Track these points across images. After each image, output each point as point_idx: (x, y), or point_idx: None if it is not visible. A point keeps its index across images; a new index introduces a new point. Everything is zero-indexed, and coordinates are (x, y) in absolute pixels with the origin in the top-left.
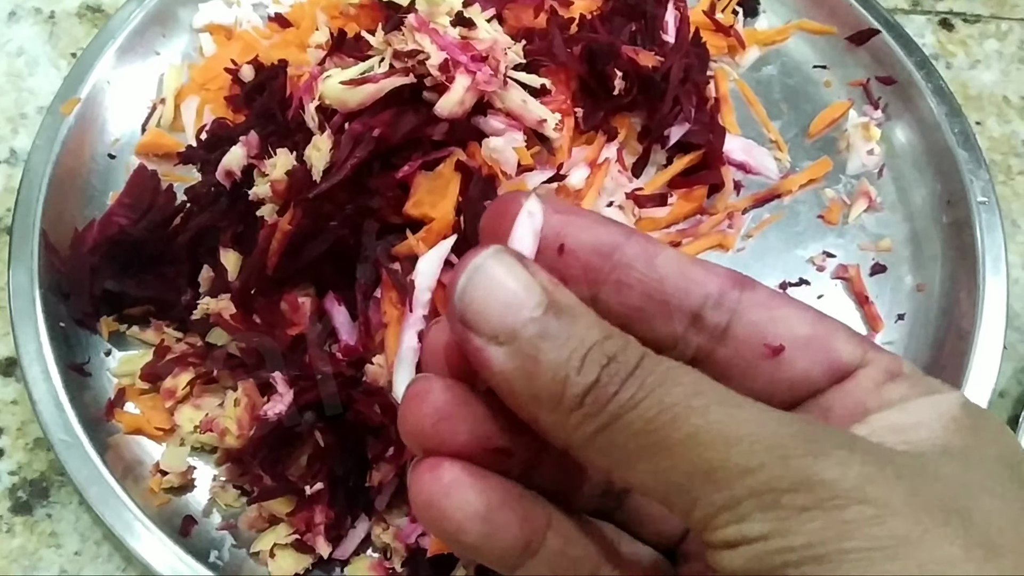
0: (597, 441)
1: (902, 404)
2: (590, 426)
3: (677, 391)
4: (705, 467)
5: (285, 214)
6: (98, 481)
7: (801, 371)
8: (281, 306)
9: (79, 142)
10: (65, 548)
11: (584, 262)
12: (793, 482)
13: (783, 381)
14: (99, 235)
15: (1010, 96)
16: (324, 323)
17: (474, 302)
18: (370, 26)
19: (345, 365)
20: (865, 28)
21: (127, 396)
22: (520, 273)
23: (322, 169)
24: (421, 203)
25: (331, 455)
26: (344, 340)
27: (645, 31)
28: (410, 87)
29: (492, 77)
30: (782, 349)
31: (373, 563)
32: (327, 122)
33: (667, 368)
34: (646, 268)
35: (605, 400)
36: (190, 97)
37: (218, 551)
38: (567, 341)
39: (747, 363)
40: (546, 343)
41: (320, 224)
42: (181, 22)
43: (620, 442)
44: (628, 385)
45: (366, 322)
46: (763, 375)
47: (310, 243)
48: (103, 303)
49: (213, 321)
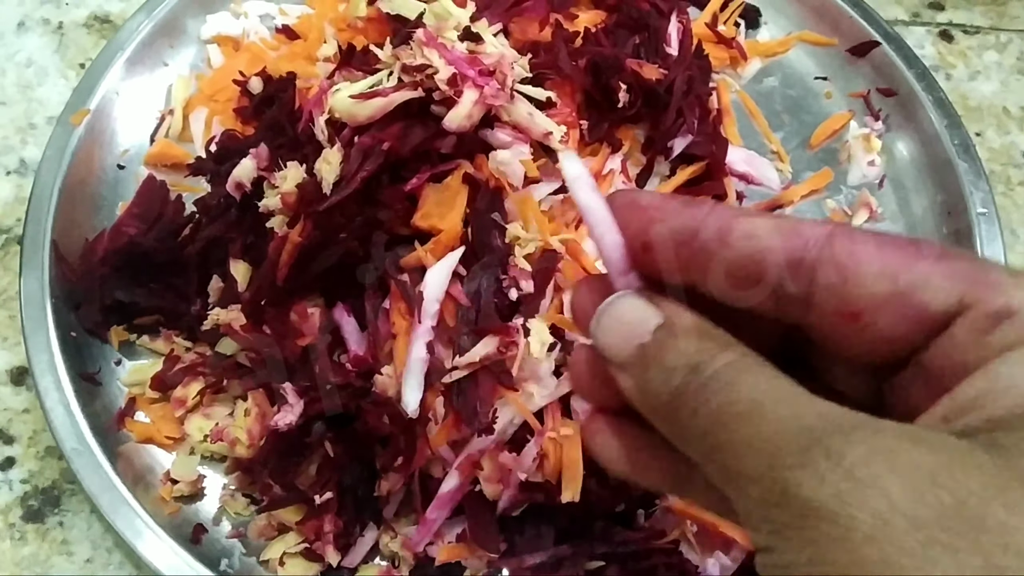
0: (682, 446)
1: (1004, 357)
2: (678, 431)
3: (732, 396)
4: (731, 474)
5: (295, 226)
6: (109, 489)
7: (886, 330)
8: (291, 316)
9: (88, 153)
10: (76, 556)
11: (671, 253)
12: (777, 496)
13: (872, 343)
14: (109, 245)
15: (1010, 107)
16: (333, 333)
17: (603, 335)
18: (378, 39)
19: (354, 375)
20: (866, 40)
21: (137, 405)
22: (634, 309)
23: (332, 182)
24: (429, 215)
25: (340, 465)
26: (353, 350)
27: (649, 44)
28: (418, 101)
29: (499, 91)
30: (860, 314)
31: (381, 571)
32: (337, 135)
33: (731, 376)
34: (722, 248)
35: (685, 407)
36: (198, 108)
37: (228, 559)
38: (665, 362)
39: (835, 327)
40: (650, 370)
41: (330, 237)
42: (189, 33)
43: (694, 446)
44: (698, 395)
45: (375, 333)
46: (852, 337)
47: (320, 255)
48: (113, 313)
49: (223, 331)
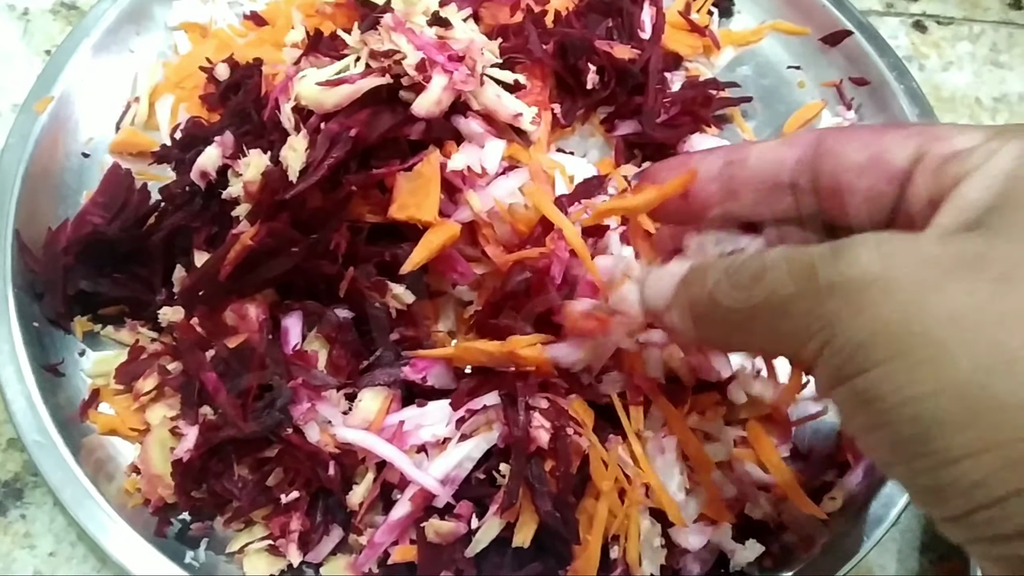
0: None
1: (958, 188)
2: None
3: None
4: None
5: (258, 216)
6: (72, 482)
7: (871, 192)
8: (225, 314)
9: (53, 140)
10: (39, 549)
11: (708, 190)
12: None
13: (867, 206)
14: (73, 234)
15: (982, 97)
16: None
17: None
18: (346, 25)
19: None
20: (839, 29)
21: (101, 397)
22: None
23: (298, 169)
24: (406, 206)
25: (303, 466)
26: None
27: (622, 28)
28: (387, 87)
29: (469, 77)
30: (850, 181)
31: (349, 562)
32: (304, 123)
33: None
34: (744, 171)
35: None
36: (165, 95)
37: (193, 552)
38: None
39: (840, 202)
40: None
41: (282, 246)
42: (156, 20)
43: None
44: (740, 286)
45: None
46: (853, 207)
47: (268, 262)
48: (77, 303)
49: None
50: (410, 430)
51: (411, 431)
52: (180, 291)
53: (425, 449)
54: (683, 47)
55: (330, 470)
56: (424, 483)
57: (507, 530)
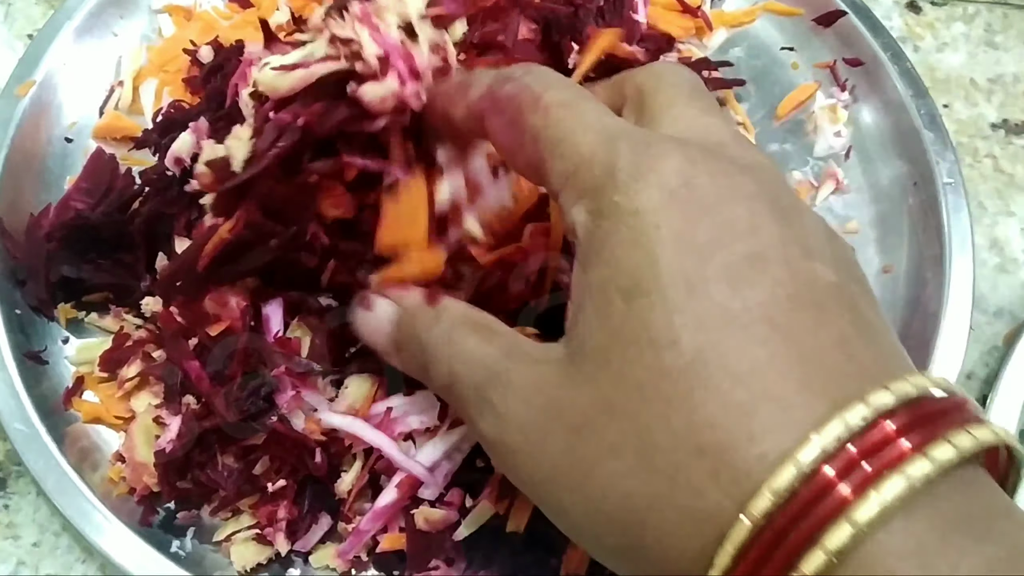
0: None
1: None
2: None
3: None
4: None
5: (219, 207)
6: (56, 471)
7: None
8: (204, 303)
9: (35, 125)
10: (23, 539)
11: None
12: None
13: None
14: (56, 220)
15: (977, 79)
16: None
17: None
18: None
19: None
20: (832, 10)
21: (85, 384)
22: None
23: (242, 159)
24: (392, 231)
25: (289, 454)
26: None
27: (614, 10)
28: (346, 77)
29: (416, 98)
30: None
31: (338, 550)
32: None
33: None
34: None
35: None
36: (149, 79)
37: (179, 541)
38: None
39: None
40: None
41: (260, 238)
42: (139, 3)
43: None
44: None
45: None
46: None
47: (247, 253)
48: (60, 290)
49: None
50: (398, 417)
51: (399, 418)
52: (158, 281)
53: (412, 437)
54: (675, 28)
55: (317, 458)
56: (412, 470)
57: (499, 519)
